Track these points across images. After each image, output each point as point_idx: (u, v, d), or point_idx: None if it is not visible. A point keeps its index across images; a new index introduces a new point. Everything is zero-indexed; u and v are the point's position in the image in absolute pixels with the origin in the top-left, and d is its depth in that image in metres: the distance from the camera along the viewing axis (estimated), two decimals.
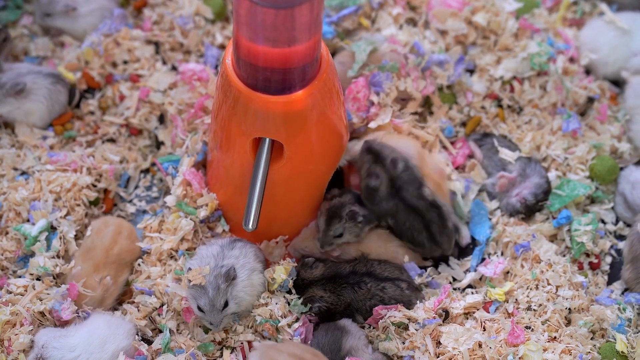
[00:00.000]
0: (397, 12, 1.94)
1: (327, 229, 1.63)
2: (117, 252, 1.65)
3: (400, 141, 1.71)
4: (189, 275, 1.53)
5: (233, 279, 1.53)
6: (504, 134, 1.84)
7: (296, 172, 1.57)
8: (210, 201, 1.67)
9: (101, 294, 1.61)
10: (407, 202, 1.64)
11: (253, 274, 1.58)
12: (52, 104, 1.80)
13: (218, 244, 1.60)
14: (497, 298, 1.61)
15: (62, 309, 1.56)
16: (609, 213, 1.78)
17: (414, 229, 1.65)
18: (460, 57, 1.85)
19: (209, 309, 1.52)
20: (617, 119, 1.86)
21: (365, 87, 1.77)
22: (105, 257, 1.63)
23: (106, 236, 1.65)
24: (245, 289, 1.56)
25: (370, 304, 1.60)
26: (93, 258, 1.63)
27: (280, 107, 1.45)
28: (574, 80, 1.87)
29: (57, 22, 1.91)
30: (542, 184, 1.75)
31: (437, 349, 1.55)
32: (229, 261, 1.55)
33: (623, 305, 1.62)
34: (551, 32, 1.95)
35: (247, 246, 1.61)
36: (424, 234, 1.65)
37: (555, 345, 1.54)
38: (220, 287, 1.52)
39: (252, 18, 1.35)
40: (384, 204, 1.64)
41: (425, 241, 1.66)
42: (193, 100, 1.81)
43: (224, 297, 1.52)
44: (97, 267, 1.63)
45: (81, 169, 1.74)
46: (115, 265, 1.64)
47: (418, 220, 1.64)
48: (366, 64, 1.81)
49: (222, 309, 1.53)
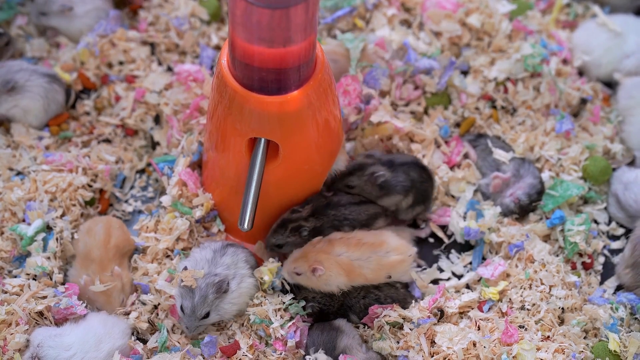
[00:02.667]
0: (392, 13, 1.95)
1: (270, 237, 1.64)
2: (114, 244, 1.65)
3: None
4: (182, 275, 1.53)
5: (224, 292, 1.53)
6: (498, 135, 1.85)
7: (292, 172, 1.57)
8: (206, 201, 1.68)
9: (120, 283, 1.62)
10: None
11: (242, 282, 1.58)
12: (48, 102, 1.81)
13: (211, 248, 1.60)
14: (491, 297, 1.62)
15: (75, 304, 1.57)
16: (602, 213, 1.79)
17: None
18: (450, 62, 1.85)
19: (189, 313, 1.53)
20: (609, 120, 1.87)
21: (355, 81, 1.78)
22: (105, 253, 1.64)
23: (98, 233, 1.65)
24: (233, 300, 1.56)
25: (364, 302, 1.61)
26: (94, 259, 1.63)
27: (276, 108, 1.46)
28: (567, 82, 1.88)
29: (53, 22, 1.92)
30: (536, 184, 1.76)
31: (432, 349, 1.55)
32: (223, 271, 1.56)
33: (615, 304, 1.63)
34: (544, 33, 1.96)
35: (238, 251, 1.62)
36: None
37: (548, 344, 1.55)
38: (207, 297, 1.52)
39: (248, 18, 1.36)
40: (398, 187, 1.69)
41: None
42: (188, 100, 1.81)
43: (208, 308, 1.53)
44: (102, 265, 1.63)
45: (77, 169, 1.74)
46: (117, 256, 1.65)
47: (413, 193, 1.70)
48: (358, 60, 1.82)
49: (202, 318, 1.53)
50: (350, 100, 1.77)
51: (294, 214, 1.63)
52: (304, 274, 1.58)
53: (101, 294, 1.60)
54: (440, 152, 1.81)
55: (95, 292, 1.60)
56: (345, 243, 1.59)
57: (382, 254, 1.60)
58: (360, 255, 1.59)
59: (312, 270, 1.57)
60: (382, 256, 1.60)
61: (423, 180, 1.71)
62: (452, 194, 1.79)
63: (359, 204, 1.67)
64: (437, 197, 1.78)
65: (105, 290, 1.60)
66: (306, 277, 1.59)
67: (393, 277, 1.62)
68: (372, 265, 1.59)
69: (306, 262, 1.58)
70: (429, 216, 1.77)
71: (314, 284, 1.60)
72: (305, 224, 1.62)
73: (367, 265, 1.59)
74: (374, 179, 1.66)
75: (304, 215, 1.63)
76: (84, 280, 1.61)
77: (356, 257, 1.59)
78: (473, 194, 1.78)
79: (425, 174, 1.72)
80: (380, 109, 1.78)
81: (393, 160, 1.71)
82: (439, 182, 1.77)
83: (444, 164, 1.79)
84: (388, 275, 1.62)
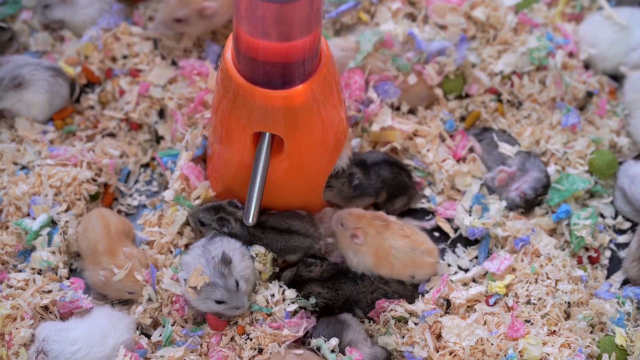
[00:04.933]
0: (397, 6, 1.95)
1: (199, 212, 1.64)
2: (115, 230, 1.64)
3: None
4: (190, 281, 1.52)
5: (230, 262, 1.53)
6: (504, 129, 1.84)
7: (296, 166, 1.57)
8: (205, 190, 1.67)
9: (136, 260, 1.61)
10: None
11: (245, 258, 1.58)
12: (52, 96, 1.80)
13: (198, 245, 1.60)
14: (498, 291, 1.62)
15: (82, 298, 1.57)
16: (608, 207, 1.78)
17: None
18: (461, 37, 1.84)
19: (227, 296, 1.52)
20: (616, 113, 1.86)
21: (360, 76, 1.77)
22: (110, 241, 1.63)
23: (96, 225, 1.64)
24: (246, 270, 1.56)
25: (371, 297, 1.61)
26: (102, 251, 1.62)
27: (281, 102, 1.45)
28: (573, 75, 1.87)
29: (56, 13, 1.91)
30: (542, 178, 1.75)
31: (438, 343, 1.55)
32: (217, 251, 1.55)
33: (622, 299, 1.62)
34: (550, 26, 1.95)
35: (227, 238, 1.61)
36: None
37: (554, 339, 1.55)
38: (224, 273, 1.52)
39: (252, 12, 1.35)
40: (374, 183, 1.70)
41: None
42: (193, 94, 1.81)
43: (232, 278, 1.53)
44: (112, 253, 1.62)
45: (81, 163, 1.74)
46: (121, 239, 1.64)
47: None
48: (370, 54, 1.81)
49: (237, 290, 1.53)
50: (351, 93, 1.77)
51: (231, 206, 1.63)
52: (345, 231, 1.59)
53: (126, 278, 1.59)
54: (446, 146, 1.81)
55: (121, 279, 1.59)
56: (397, 232, 1.60)
57: (418, 253, 1.61)
58: (401, 247, 1.59)
59: (353, 235, 1.58)
60: (417, 255, 1.61)
61: (395, 175, 1.71)
62: (457, 188, 1.79)
63: (280, 231, 1.65)
64: (442, 190, 1.78)
65: (127, 272, 1.59)
66: (344, 235, 1.60)
67: (417, 277, 1.63)
68: (405, 261, 1.60)
69: (355, 223, 1.58)
70: (435, 209, 1.76)
71: (343, 244, 1.61)
72: (232, 222, 1.62)
73: (401, 259, 1.60)
74: (351, 180, 1.67)
75: (238, 215, 1.62)
76: (102, 275, 1.60)
77: (396, 246, 1.59)
78: (479, 188, 1.78)
79: (396, 169, 1.72)
80: (382, 114, 1.77)
81: (365, 160, 1.71)
82: (445, 175, 1.77)
83: (449, 158, 1.79)
84: (412, 275, 1.62)
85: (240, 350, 1.55)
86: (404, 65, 1.80)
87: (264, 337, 1.54)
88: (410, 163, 1.79)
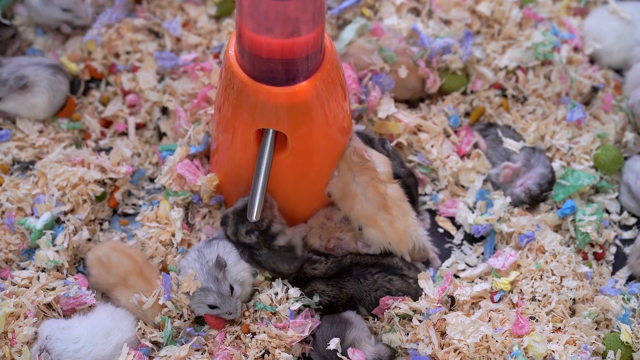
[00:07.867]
0: (401, 1, 1.94)
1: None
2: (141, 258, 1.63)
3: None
4: (183, 287, 1.53)
5: (225, 266, 1.53)
6: (508, 124, 1.83)
7: (300, 163, 1.56)
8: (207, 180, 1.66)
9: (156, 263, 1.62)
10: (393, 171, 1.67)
11: (241, 260, 1.59)
12: (53, 94, 1.79)
13: (195, 249, 1.61)
14: (503, 288, 1.61)
15: (85, 294, 1.56)
16: (614, 203, 1.77)
17: None
18: (466, 33, 1.84)
19: (220, 301, 1.53)
20: (621, 108, 1.85)
21: (352, 70, 1.78)
22: (136, 267, 1.60)
23: (120, 260, 1.60)
24: (241, 272, 1.57)
25: (375, 295, 1.60)
26: (134, 274, 1.59)
27: (284, 98, 1.45)
28: (578, 70, 1.87)
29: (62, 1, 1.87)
30: (547, 174, 1.74)
31: (443, 340, 1.55)
32: (212, 255, 1.56)
33: (627, 295, 1.62)
34: (555, 21, 1.94)
35: (224, 241, 1.61)
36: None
37: (559, 335, 1.54)
38: (218, 277, 1.52)
39: (256, 9, 1.35)
40: None
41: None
42: (196, 90, 1.80)
43: (226, 283, 1.53)
44: (141, 273, 1.60)
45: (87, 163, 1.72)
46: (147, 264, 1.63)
47: (400, 183, 1.66)
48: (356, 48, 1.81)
49: (231, 295, 1.53)
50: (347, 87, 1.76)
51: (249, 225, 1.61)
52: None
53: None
54: (450, 142, 1.80)
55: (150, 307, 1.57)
56: (372, 183, 1.60)
57: (382, 217, 1.61)
58: (395, 214, 1.60)
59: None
60: (380, 219, 1.61)
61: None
62: (461, 184, 1.78)
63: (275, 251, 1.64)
64: (446, 186, 1.77)
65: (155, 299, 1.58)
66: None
67: (367, 242, 1.64)
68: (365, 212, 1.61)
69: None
70: (437, 207, 1.76)
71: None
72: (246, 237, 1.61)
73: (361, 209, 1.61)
74: None
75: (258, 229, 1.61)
76: (136, 299, 1.57)
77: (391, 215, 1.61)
78: (483, 183, 1.77)
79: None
80: (385, 102, 1.76)
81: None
82: (449, 172, 1.76)
83: (453, 154, 1.78)
84: (388, 242, 1.63)
85: (245, 348, 1.55)
86: (390, 57, 1.79)
87: (270, 339, 1.54)
88: (414, 159, 1.78)
